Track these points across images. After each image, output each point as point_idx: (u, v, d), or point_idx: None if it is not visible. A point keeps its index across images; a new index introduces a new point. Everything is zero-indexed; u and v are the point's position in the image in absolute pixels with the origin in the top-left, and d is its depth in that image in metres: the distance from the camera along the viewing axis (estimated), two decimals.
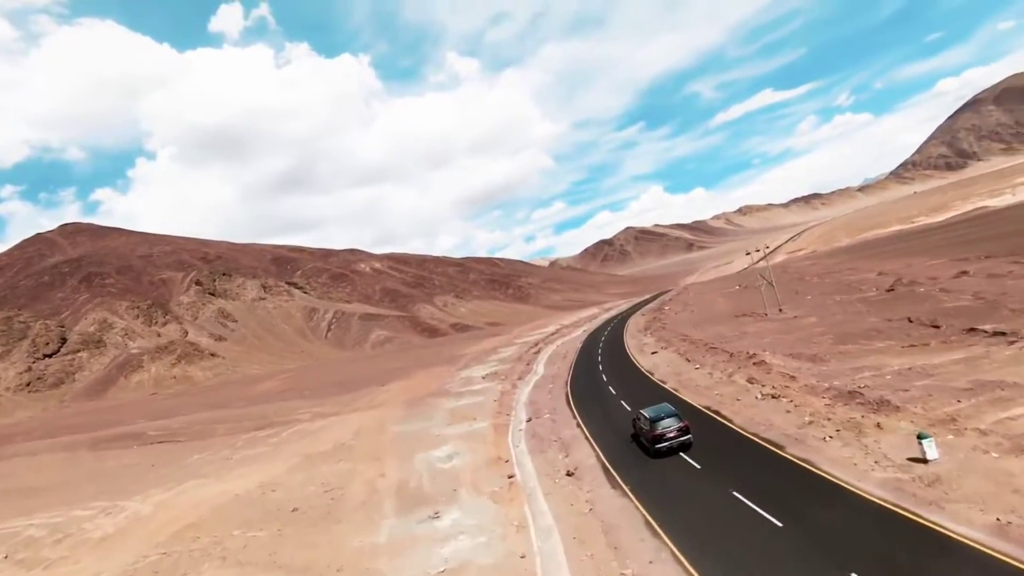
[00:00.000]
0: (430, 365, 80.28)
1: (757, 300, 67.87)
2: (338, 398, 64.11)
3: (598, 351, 63.61)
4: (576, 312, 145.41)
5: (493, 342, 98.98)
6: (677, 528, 18.24)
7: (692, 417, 28.59)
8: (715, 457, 23.94)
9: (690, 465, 23.70)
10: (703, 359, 41.99)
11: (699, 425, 27.70)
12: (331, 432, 43.82)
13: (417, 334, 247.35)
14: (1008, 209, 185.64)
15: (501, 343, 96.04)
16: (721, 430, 27.41)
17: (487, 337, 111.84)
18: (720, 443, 25.55)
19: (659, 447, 25.56)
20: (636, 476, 23.81)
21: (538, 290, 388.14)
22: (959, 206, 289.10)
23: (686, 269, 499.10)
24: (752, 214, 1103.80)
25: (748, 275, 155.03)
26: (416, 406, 47.52)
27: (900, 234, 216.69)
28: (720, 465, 22.90)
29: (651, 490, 22.03)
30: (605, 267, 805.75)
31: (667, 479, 22.80)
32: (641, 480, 23.25)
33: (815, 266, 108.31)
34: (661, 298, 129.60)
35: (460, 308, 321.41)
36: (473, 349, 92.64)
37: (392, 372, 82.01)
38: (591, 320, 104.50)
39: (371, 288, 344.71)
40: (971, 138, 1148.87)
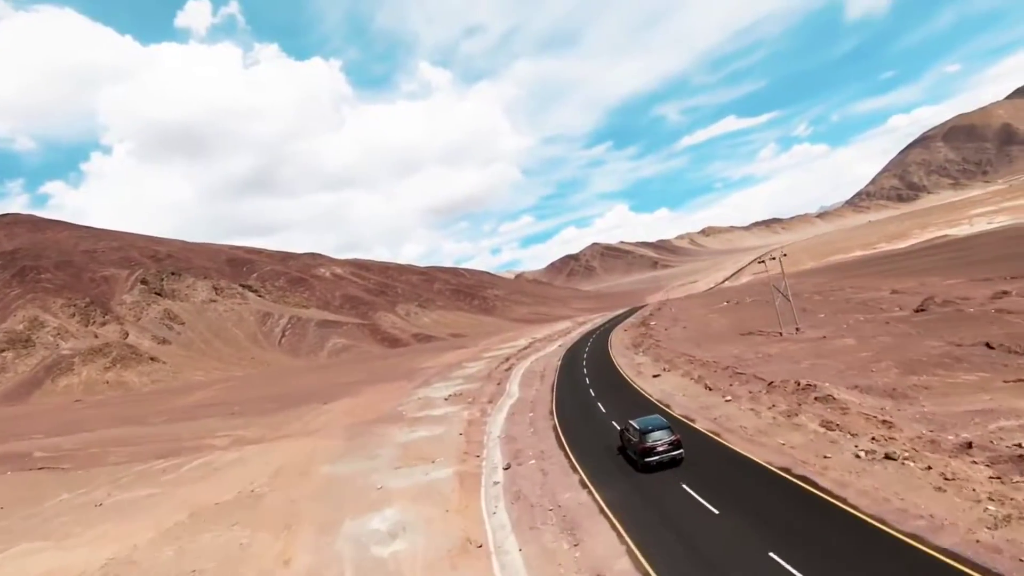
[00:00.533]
0: (385, 380, 69.73)
1: (759, 317, 60.60)
2: (270, 418, 52.96)
3: (583, 370, 54.95)
4: (548, 325, 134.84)
5: (458, 355, 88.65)
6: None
7: (774, 487, 19.76)
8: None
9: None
10: (729, 387, 33.49)
11: (798, 510, 17.58)
12: (243, 470, 33.21)
13: (377, 343, 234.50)
14: (972, 237, 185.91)
15: (467, 357, 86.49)
16: (844, 524, 16.33)
17: (451, 349, 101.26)
18: (851, 550, 14.90)
19: (648, 461, 24.31)
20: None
21: (504, 302, 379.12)
22: (918, 234, 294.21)
23: (651, 286, 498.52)
24: (715, 235, 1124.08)
25: (734, 291, 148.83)
26: (359, 436, 37.14)
27: (865, 259, 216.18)
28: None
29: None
30: (571, 282, 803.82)
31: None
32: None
33: (801, 284, 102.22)
34: (639, 313, 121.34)
35: (423, 318, 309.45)
36: (435, 363, 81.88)
37: (341, 387, 71.05)
38: (565, 334, 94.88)
39: (331, 294, 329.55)
40: (921, 172, 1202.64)
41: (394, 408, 46.24)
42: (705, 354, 45.70)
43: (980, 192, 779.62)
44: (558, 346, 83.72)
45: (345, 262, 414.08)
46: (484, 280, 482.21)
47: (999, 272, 71.08)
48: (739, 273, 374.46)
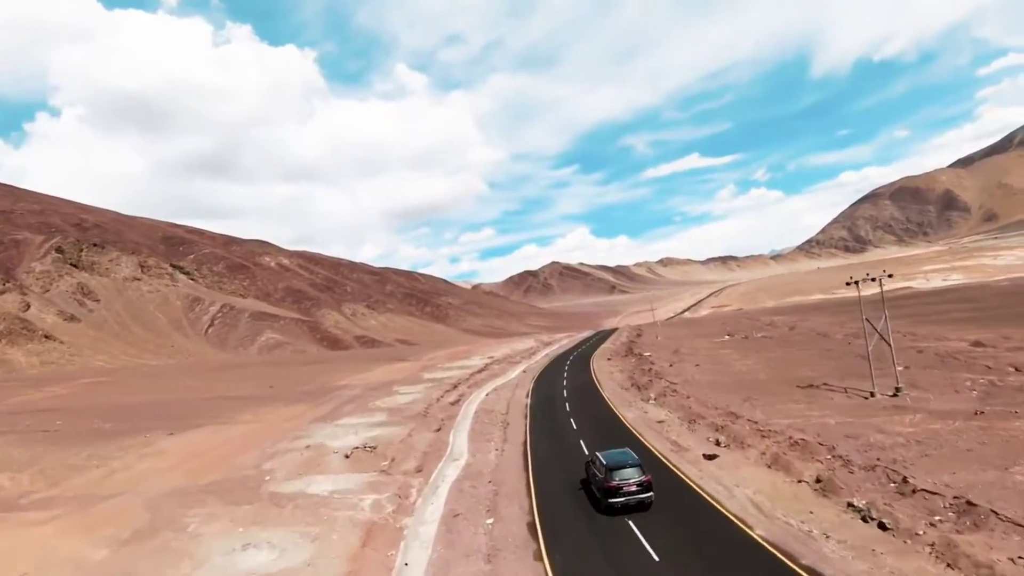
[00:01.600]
0: (286, 399, 53.63)
1: (800, 361, 48.04)
2: (64, 455, 35.73)
3: (570, 421, 37.94)
4: (507, 342, 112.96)
5: (393, 371, 74.64)
6: None
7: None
8: None
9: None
10: (902, 519, 17.77)
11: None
12: None
13: (315, 342, 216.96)
14: (936, 292, 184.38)
15: (404, 376, 68.75)
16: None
17: (388, 362, 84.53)
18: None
19: (613, 502, 21.41)
20: None
21: (458, 312, 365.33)
22: (874, 284, 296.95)
23: (608, 310, 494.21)
24: (672, 266, 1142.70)
25: (710, 323, 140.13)
26: (156, 534, 20.95)
27: (830, 302, 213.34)
28: None
29: None
30: (527, 298, 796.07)
31: None
32: None
33: (806, 323, 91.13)
34: (615, 338, 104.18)
35: (370, 320, 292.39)
36: (361, 379, 67.40)
37: (224, 404, 54.79)
38: (529, 356, 78.08)
39: (273, 285, 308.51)
40: (868, 227, 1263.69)
41: (256, 464, 29.38)
42: (768, 416, 31.39)
43: (923, 251, 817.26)
44: (521, 372, 67.79)
45: (294, 253, 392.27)
46: (439, 287, 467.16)
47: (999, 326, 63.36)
48: (698, 305, 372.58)
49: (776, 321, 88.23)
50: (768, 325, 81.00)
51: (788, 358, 53.66)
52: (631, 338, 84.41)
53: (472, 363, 73.90)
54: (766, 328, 79.58)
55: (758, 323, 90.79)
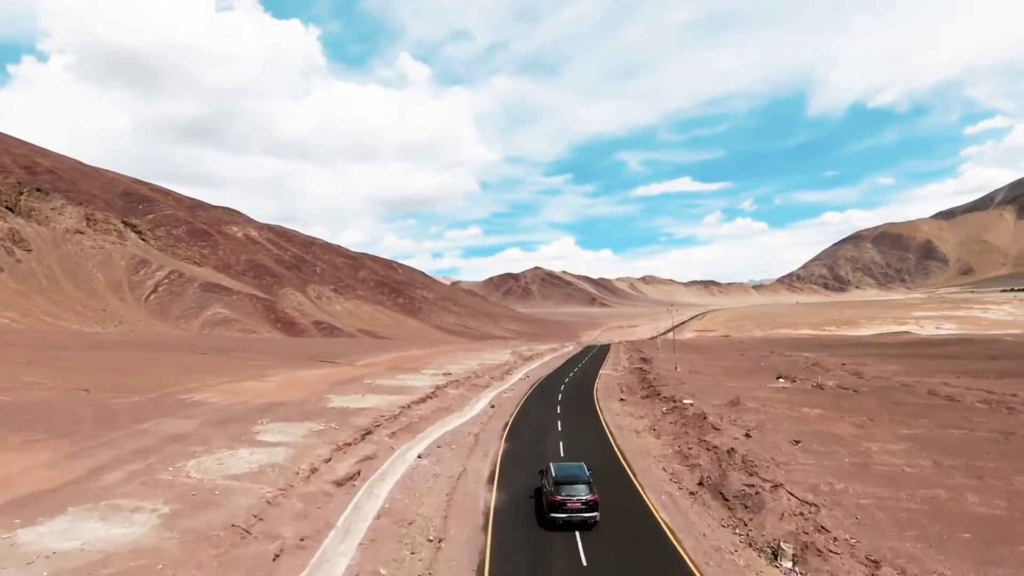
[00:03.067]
0: (53, 430, 32.63)
1: (974, 448, 27.69)
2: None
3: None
4: (477, 352, 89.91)
5: (293, 384, 50.64)
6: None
7: None
8: None
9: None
10: None
11: None
12: None
13: (268, 323, 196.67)
14: (947, 342, 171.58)
15: (300, 395, 44.56)
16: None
17: (307, 363, 64.80)
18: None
19: (555, 516, 20.96)
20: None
21: (432, 306, 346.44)
22: (866, 324, 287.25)
23: (587, 322, 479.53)
24: (654, 285, 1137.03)
25: (753, 351, 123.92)
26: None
27: (834, 340, 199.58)
28: None
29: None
30: (506, 301, 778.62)
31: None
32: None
33: (831, 362, 73.69)
34: (612, 360, 79.06)
35: (335, 305, 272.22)
36: (225, 396, 42.85)
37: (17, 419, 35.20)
38: (501, 376, 55.13)
39: (235, 256, 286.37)
40: (848, 267, 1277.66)
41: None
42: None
43: (903, 296, 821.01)
44: (487, 409, 45.60)
45: (264, 226, 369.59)
46: (416, 279, 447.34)
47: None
48: (681, 327, 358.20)
49: (821, 361, 69.26)
50: (814, 366, 62.82)
51: (953, 443, 29.56)
52: (635, 362, 66.51)
53: (417, 384, 51.14)
54: (818, 370, 60.19)
55: (792, 359, 71.14)
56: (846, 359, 73.36)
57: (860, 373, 55.57)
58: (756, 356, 74.32)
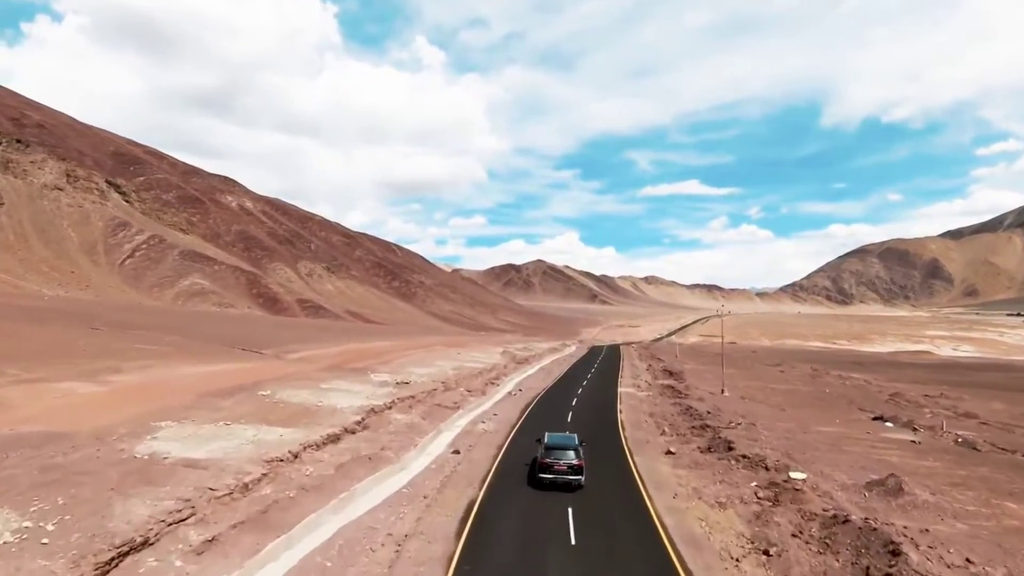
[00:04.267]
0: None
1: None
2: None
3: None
4: (463, 347, 74.90)
5: (190, 388, 32.86)
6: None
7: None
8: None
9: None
10: None
11: None
12: None
13: (249, 297, 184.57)
14: (984, 367, 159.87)
15: (202, 396, 31.25)
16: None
17: (227, 354, 47.57)
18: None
19: (542, 476, 23.73)
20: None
21: (428, 293, 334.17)
22: (879, 340, 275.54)
23: (587, 318, 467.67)
24: (657, 285, 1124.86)
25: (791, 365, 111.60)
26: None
27: (845, 356, 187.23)
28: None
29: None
30: (506, 291, 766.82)
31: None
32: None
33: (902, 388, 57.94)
34: (629, 371, 64.66)
35: (326, 284, 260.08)
36: (40, 416, 24.47)
37: None
38: (483, 388, 40.54)
39: (225, 226, 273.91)
40: (852, 281, 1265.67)
41: None
42: None
43: (907, 313, 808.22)
44: (445, 453, 29.73)
45: (261, 198, 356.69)
46: (415, 263, 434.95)
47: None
48: (685, 330, 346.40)
49: (903, 392, 52.09)
50: (894, 397, 47.14)
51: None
52: (659, 375, 53.91)
53: (345, 402, 32.85)
54: (906, 404, 44.39)
55: (860, 386, 55.00)
56: (905, 383, 61.25)
57: (972, 413, 42.14)
58: (801, 376, 61.46)
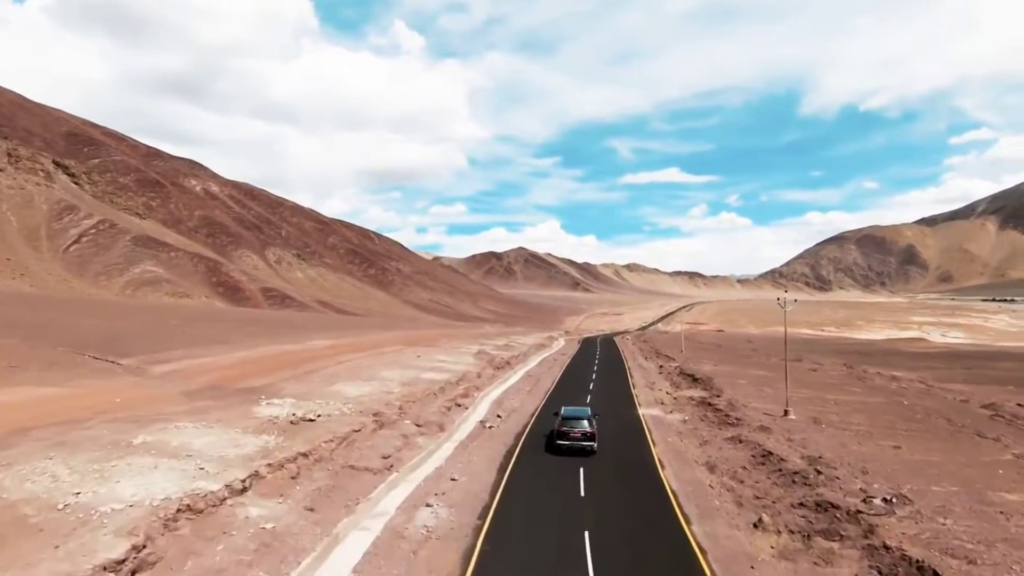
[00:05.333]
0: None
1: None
2: None
3: None
4: (422, 350, 57.49)
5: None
6: None
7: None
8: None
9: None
10: None
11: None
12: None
13: (209, 286, 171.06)
14: (996, 355, 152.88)
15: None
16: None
17: (67, 369, 32.28)
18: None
19: (559, 443, 26.54)
20: None
21: (406, 281, 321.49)
22: (867, 327, 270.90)
23: (570, 306, 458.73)
24: (639, 273, 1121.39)
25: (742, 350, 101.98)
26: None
27: (845, 345, 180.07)
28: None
29: None
30: (487, 279, 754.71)
31: None
32: None
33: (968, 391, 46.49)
34: (639, 376, 53.06)
35: (296, 272, 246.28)
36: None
37: None
38: (440, 421, 27.31)
39: (188, 212, 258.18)
40: (831, 268, 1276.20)
41: None
42: None
43: (886, 300, 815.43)
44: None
45: (229, 182, 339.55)
46: (393, 251, 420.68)
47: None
48: (670, 318, 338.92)
49: (971, 395, 41.54)
50: (963, 402, 36.77)
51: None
52: (680, 383, 42.71)
53: (147, 491, 16.31)
54: (996, 417, 33.48)
55: (926, 391, 42.77)
56: (941, 380, 51.99)
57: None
58: (841, 377, 50.61)
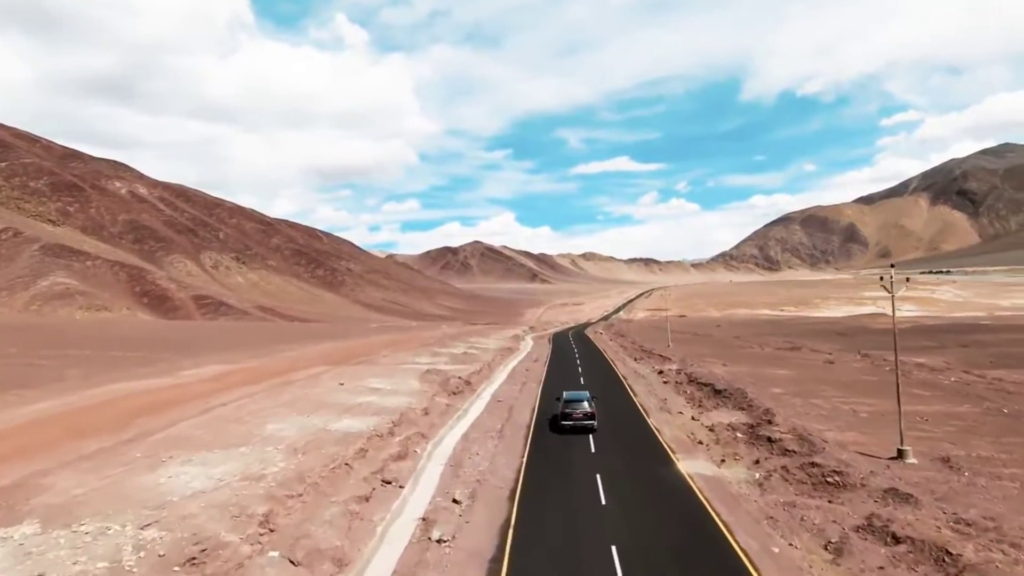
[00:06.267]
0: None
1: None
2: None
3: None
4: (371, 360, 49.53)
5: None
6: None
7: None
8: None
9: None
10: None
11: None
12: None
13: (132, 297, 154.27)
14: (938, 327, 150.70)
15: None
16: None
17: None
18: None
19: (563, 424, 29.48)
20: None
21: (357, 281, 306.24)
22: (823, 305, 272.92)
23: (529, 299, 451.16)
24: (595, 261, 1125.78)
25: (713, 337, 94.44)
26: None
27: (801, 323, 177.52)
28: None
29: None
30: (444, 275, 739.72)
31: None
32: None
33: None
34: (645, 391, 39.34)
35: (236, 276, 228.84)
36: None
37: None
38: (375, 493, 17.33)
39: (111, 216, 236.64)
40: (778, 248, 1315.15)
41: None
42: None
43: (831, 276, 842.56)
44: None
45: (159, 184, 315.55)
46: (343, 250, 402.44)
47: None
48: (630, 305, 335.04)
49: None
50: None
51: None
52: (703, 399, 34.22)
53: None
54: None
55: (963, 382, 35.67)
56: (937, 357, 45.64)
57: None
58: (865, 371, 42.47)
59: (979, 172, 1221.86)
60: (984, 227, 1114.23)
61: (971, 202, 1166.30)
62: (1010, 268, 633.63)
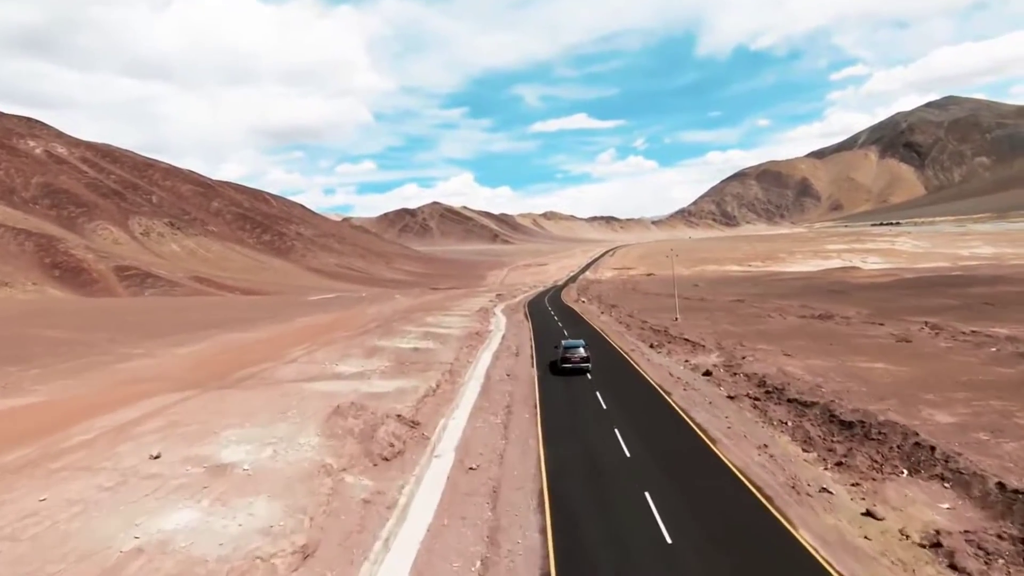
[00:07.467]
0: None
1: None
2: None
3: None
4: (259, 369, 33.93)
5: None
6: None
7: None
8: None
9: None
10: None
11: None
12: None
13: (41, 269, 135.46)
14: (917, 281, 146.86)
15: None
16: None
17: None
18: None
19: (563, 366, 35.42)
20: None
21: (308, 246, 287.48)
22: (790, 260, 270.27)
23: (491, 260, 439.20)
24: (556, 220, 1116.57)
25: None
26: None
27: (771, 277, 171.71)
28: None
29: None
30: (402, 238, 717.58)
31: None
32: None
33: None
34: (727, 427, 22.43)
35: (170, 244, 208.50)
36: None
37: None
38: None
39: (24, 179, 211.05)
40: (735, 204, 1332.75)
41: None
42: None
43: (788, 231, 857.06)
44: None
45: (81, 143, 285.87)
46: (294, 213, 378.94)
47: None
48: (596, 264, 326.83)
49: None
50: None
51: None
52: (904, 482, 15.35)
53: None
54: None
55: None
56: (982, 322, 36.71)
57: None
58: (893, 347, 32.65)
59: (924, 125, 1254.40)
60: (929, 179, 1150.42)
61: (917, 154, 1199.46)
62: (956, 218, 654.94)
